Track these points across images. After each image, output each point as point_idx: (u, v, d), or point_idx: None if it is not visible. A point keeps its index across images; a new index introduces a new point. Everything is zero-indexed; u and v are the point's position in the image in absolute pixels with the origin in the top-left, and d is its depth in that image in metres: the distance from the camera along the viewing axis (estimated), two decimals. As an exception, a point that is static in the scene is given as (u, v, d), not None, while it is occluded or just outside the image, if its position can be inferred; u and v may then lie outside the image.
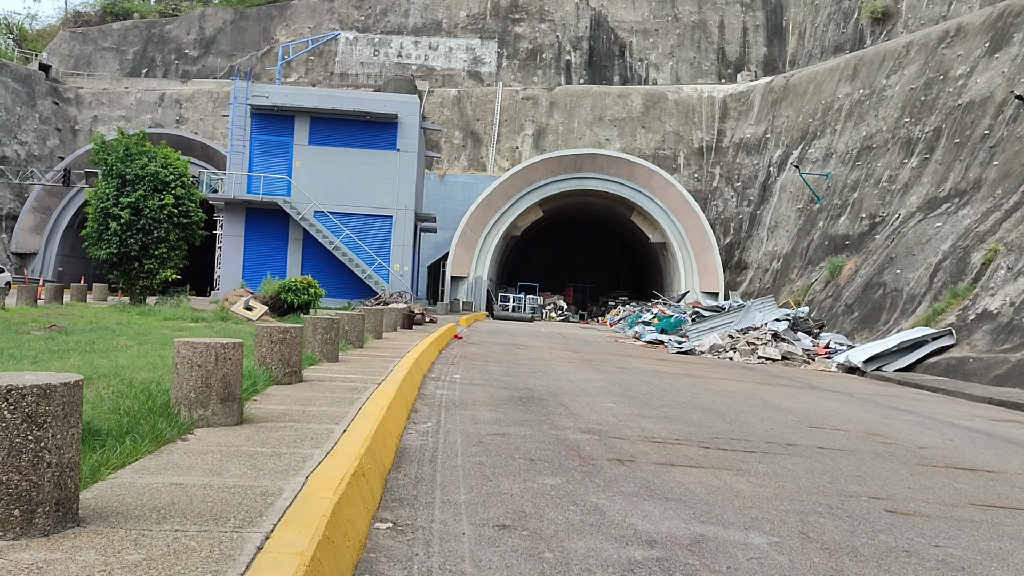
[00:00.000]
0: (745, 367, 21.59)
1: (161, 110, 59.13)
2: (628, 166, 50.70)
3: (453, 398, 10.22)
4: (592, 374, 15.31)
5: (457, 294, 48.15)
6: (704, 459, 7.37)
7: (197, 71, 63.31)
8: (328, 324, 10.67)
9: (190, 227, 24.08)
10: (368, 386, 8.46)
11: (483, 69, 63.29)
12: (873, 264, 34.67)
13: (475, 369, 14.36)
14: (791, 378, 18.87)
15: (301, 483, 4.13)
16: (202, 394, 5.54)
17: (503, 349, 20.56)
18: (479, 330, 30.05)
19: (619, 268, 69.95)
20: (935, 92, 37.78)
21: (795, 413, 11.61)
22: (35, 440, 3.07)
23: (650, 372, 16.94)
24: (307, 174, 38.28)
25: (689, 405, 11.49)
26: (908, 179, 36.50)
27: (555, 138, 57.96)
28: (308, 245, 38.49)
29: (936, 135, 36.14)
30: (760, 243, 49.60)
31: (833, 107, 46.85)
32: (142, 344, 11.58)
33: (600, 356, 20.91)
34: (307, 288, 20.73)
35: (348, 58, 62.28)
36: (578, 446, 7.53)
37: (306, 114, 38.23)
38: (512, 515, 4.98)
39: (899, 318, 29.65)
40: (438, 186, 51.94)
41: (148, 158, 23.29)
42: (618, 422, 9.29)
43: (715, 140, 56.61)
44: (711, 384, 15.31)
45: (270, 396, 7.33)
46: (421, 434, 7.52)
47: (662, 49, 64.90)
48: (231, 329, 15.54)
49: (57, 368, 7.98)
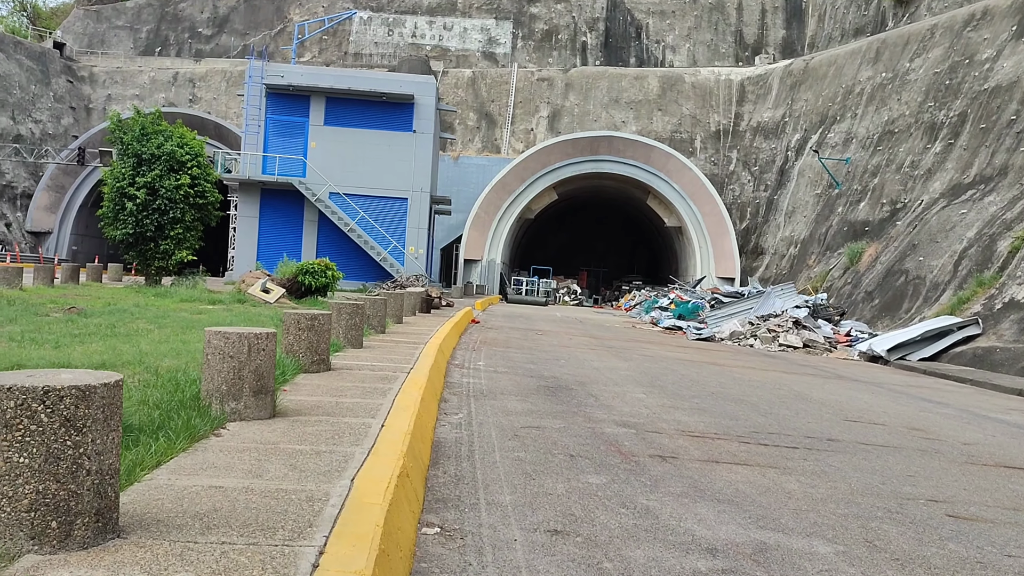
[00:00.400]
0: (766, 355, 21.28)
1: (174, 89, 58.86)
2: (644, 149, 50.17)
3: (480, 387, 9.97)
4: (616, 362, 15.04)
5: (470, 277, 47.87)
6: (747, 456, 7.11)
7: (210, 50, 62.96)
8: (353, 310, 10.43)
9: (206, 208, 23.85)
10: (397, 375, 8.22)
11: (498, 50, 62.71)
12: (894, 251, 34.22)
13: (497, 356, 14.11)
14: (815, 367, 18.56)
15: (347, 487, 3.88)
16: (234, 386, 5.30)
17: (522, 334, 20.30)
18: (494, 314, 29.80)
19: (633, 252, 69.51)
20: (960, 76, 37.13)
21: (828, 405, 11.32)
22: (74, 446, 2.82)
23: (674, 360, 16.66)
24: (322, 155, 37.97)
25: (720, 396, 11.22)
26: (931, 165, 35.95)
27: (570, 120, 57.43)
28: (323, 227, 38.24)
29: (961, 120, 35.55)
30: (777, 228, 49.10)
31: (854, 91, 46.18)
32: (162, 328, 11.37)
33: (620, 343, 20.64)
34: (325, 271, 20.49)
35: (362, 38, 61.79)
36: (616, 441, 7.27)
37: (321, 94, 37.87)
38: (562, 519, 4.73)
39: (922, 306, 29.25)
40: (452, 168, 51.57)
41: (164, 137, 23.04)
42: (652, 414, 9.03)
43: (732, 124, 55.99)
44: (737, 373, 15.02)
45: (300, 386, 7.09)
46: (454, 426, 7.27)
47: (679, 31, 64.14)
48: (250, 312, 15.33)
49: (80, 353, 7.77)
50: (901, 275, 32.06)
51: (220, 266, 52.55)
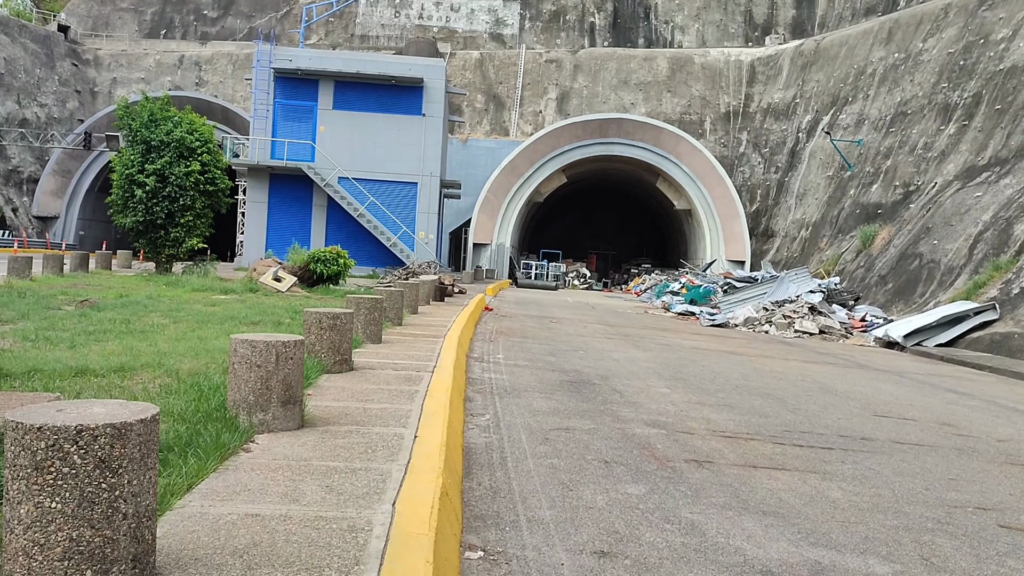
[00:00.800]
0: (782, 342, 21.06)
1: (180, 72, 58.48)
2: (654, 131, 49.73)
3: (503, 383, 9.78)
4: (634, 352, 14.84)
5: (479, 261, 47.64)
6: (783, 459, 6.91)
7: (216, 32, 62.50)
8: (372, 304, 10.23)
9: (216, 195, 23.61)
10: (421, 375, 8.03)
11: (505, 31, 62.12)
12: (908, 234, 33.89)
13: (515, 347, 13.91)
14: (834, 355, 18.33)
15: (389, 513, 3.69)
16: (262, 397, 5.11)
17: (536, 322, 20.10)
18: (506, 300, 29.60)
19: (641, 235, 69.16)
20: (975, 56, 36.63)
21: (854, 398, 11.11)
22: (109, 488, 2.63)
23: (691, 349, 16.46)
24: (331, 139, 37.64)
25: (744, 389, 11.02)
26: (945, 147, 35.54)
27: (579, 102, 56.95)
28: (332, 212, 37.97)
29: (975, 101, 35.09)
30: (788, 211, 48.71)
31: (866, 72, 45.65)
32: (177, 322, 11.19)
33: (635, 330, 20.43)
34: (336, 258, 20.28)
35: (368, 20, 61.27)
36: (649, 443, 7.08)
37: (330, 78, 37.49)
38: (607, 537, 4.54)
39: (936, 290, 28.96)
40: (460, 151, 51.20)
41: (173, 124, 22.78)
42: (679, 412, 8.83)
43: (742, 105, 55.46)
44: (757, 363, 14.81)
45: (324, 389, 6.90)
46: (482, 429, 7.08)
47: (688, 11, 63.40)
48: (263, 304, 15.15)
49: (98, 355, 7.59)
50: (915, 259, 31.74)
51: (228, 250, 52.42)
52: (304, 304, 15.57)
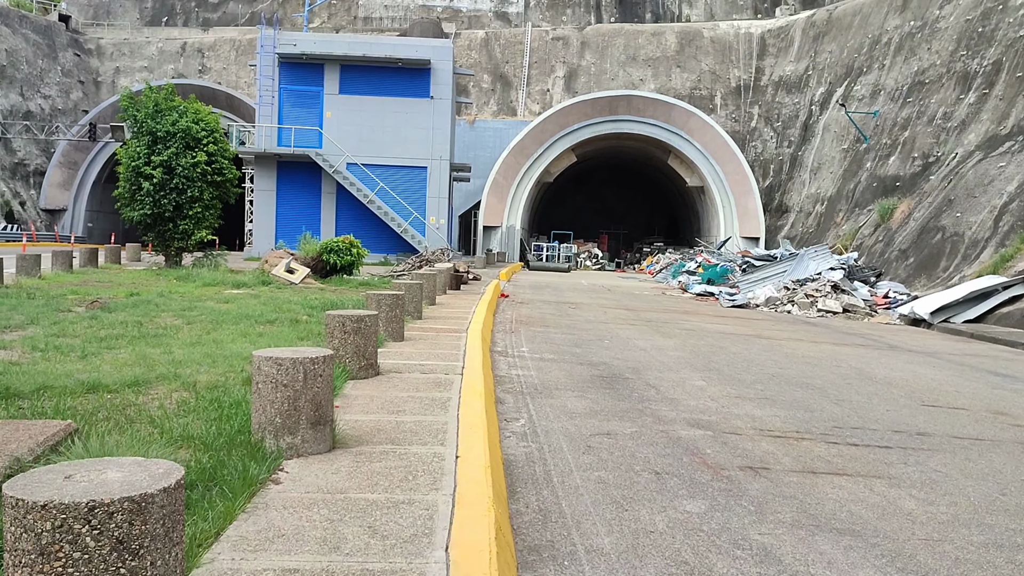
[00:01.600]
0: (807, 322, 20.58)
1: (183, 60, 57.91)
2: (665, 108, 48.99)
3: (532, 380, 9.35)
4: (660, 339, 14.39)
5: (490, 244, 47.17)
6: (842, 462, 6.47)
7: (218, 18, 61.84)
8: (393, 301, 9.80)
9: (224, 185, 23.14)
10: (451, 378, 7.61)
11: (510, 9, 61.29)
12: (929, 207, 33.26)
13: (538, 338, 13.48)
14: (863, 335, 17.85)
15: (443, 562, 3.27)
16: (289, 418, 4.69)
17: (554, 309, 19.66)
18: (520, 285, 29.15)
19: (652, 214, 68.50)
20: (994, 23, 35.78)
21: (896, 385, 10.66)
22: (129, 573, 2.21)
23: (717, 334, 16.00)
24: (338, 125, 37.06)
25: (781, 379, 10.57)
26: (965, 116, 34.80)
27: (587, 80, 56.18)
28: (341, 198, 37.47)
29: (996, 69, 34.30)
30: (802, 185, 48.01)
31: (881, 41, 44.76)
32: (190, 323, 10.79)
33: (657, 314, 19.97)
34: (350, 248, 19.85)
35: (371, 2, 60.51)
36: (696, 448, 6.64)
37: (336, 62, 36.86)
38: (676, 570, 4.11)
39: (960, 264, 28.39)
40: (468, 132, 50.58)
41: (179, 114, 22.29)
42: (720, 408, 8.40)
43: (753, 78, 54.60)
44: (787, 347, 14.35)
45: (351, 400, 6.48)
46: (519, 437, 6.66)
47: (695, -17, 62.40)
48: (277, 298, 14.74)
49: (110, 365, 7.18)
50: (937, 232, 31.14)
51: (237, 239, 52.02)
52: (319, 297, 15.17)
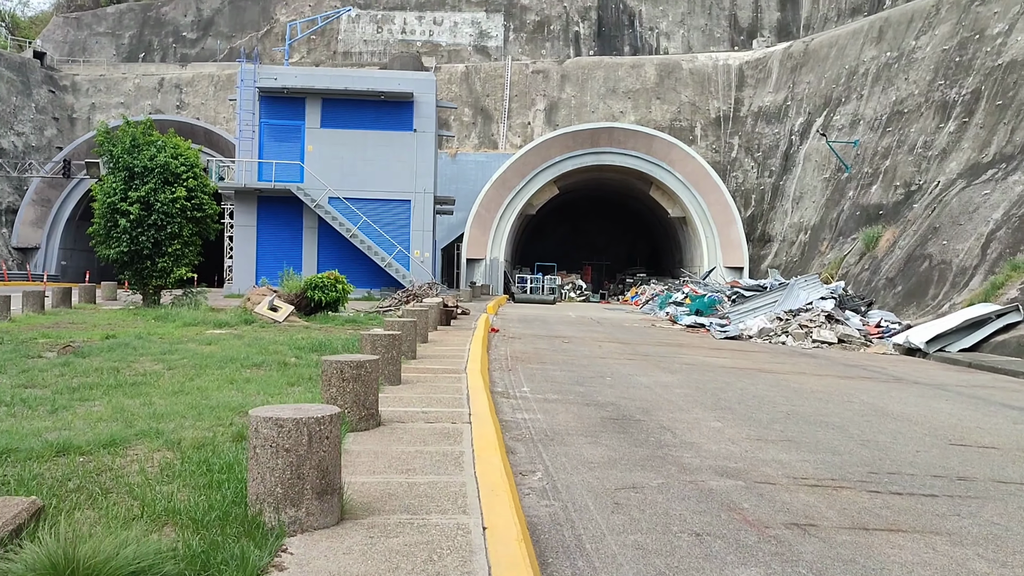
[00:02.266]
0: (805, 354, 20.15)
1: (161, 95, 57.34)
2: (646, 139, 49.00)
3: (540, 425, 8.77)
4: (663, 375, 13.86)
5: (473, 276, 46.66)
6: (892, 515, 5.93)
7: (196, 54, 61.43)
8: (389, 342, 9.21)
9: (204, 221, 22.44)
10: (459, 427, 7.01)
11: (490, 43, 61.36)
12: (914, 235, 33.20)
13: (537, 376, 12.91)
14: (864, 367, 17.43)
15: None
16: (292, 488, 4.08)
17: (547, 344, 19.10)
18: (508, 318, 28.59)
19: (634, 245, 68.39)
20: (971, 52, 36.05)
21: (916, 422, 10.18)
22: None
23: (718, 368, 15.50)
24: (320, 159, 36.52)
25: (797, 418, 10.07)
26: (946, 144, 34.90)
27: (567, 112, 56.18)
28: (324, 233, 36.81)
29: (975, 97, 34.48)
30: (784, 215, 48.02)
31: (858, 71, 45.09)
32: (172, 368, 10.12)
33: (651, 347, 19.46)
34: (335, 284, 19.23)
35: (351, 36, 60.39)
36: (733, 502, 6.08)
37: (317, 96, 36.41)
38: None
39: (949, 292, 28.21)
40: (450, 166, 50.26)
41: (157, 148, 21.65)
42: (745, 453, 7.85)
43: (732, 109, 54.83)
44: (793, 382, 13.87)
45: (355, 456, 5.86)
46: (539, 495, 6.06)
47: (672, 17, 62.88)
48: (262, 338, 14.08)
49: (83, 422, 6.52)
50: (924, 260, 31.03)
51: (217, 275, 51.13)
52: (305, 336, 14.52)
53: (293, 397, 7.88)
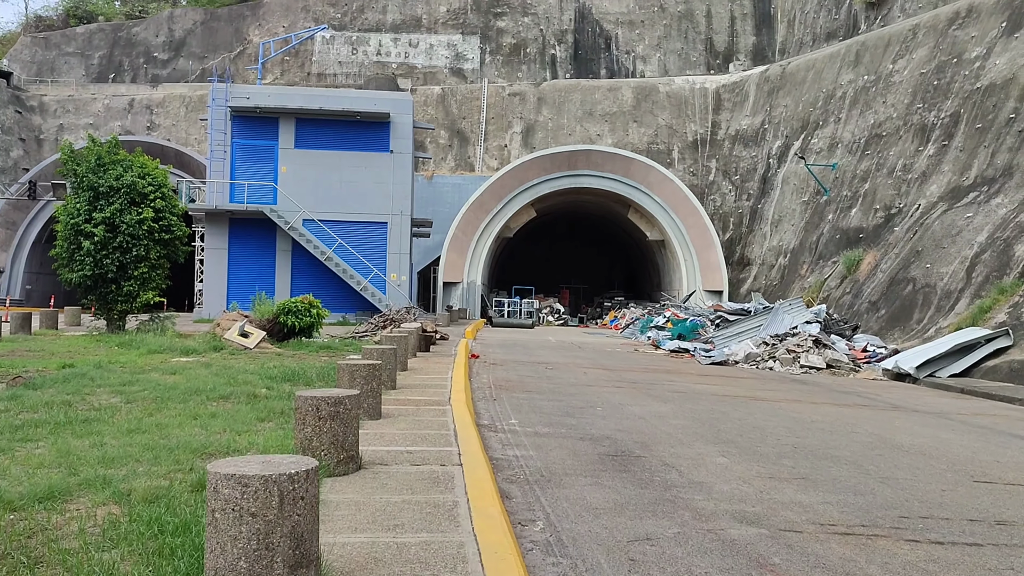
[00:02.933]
0: (795, 380, 19.61)
1: (131, 116, 56.28)
2: (624, 162, 48.73)
3: (534, 464, 8.05)
4: (655, 404, 13.19)
5: (450, 300, 45.90)
6: (939, 570, 5.28)
7: (167, 75, 60.47)
8: (369, 372, 8.47)
9: (172, 243, 21.53)
10: (448, 470, 6.28)
11: (466, 66, 61.01)
12: (896, 258, 32.97)
13: (524, 407, 12.18)
14: (857, 393, 16.90)
15: None
16: (259, 561, 3.34)
17: (531, 370, 18.38)
18: (488, 343, 27.84)
19: (611, 268, 68.02)
20: (949, 76, 36.10)
21: (930, 456, 9.59)
22: None
23: (710, 396, 14.86)
24: (294, 180, 35.67)
25: (805, 451, 9.43)
26: (926, 167, 34.81)
27: (544, 135, 55.84)
28: (297, 256, 35.87)
29: (954, 120, 34.45)
30: (763, 238, 47.82)
31: (835, 95, 45.15)
32: (130, 401, 9.29)
33: (638, 374, 18.81)
34: (308, 309, 18.41)
35: (325, 58, 59.77)
36: (760, 556, 5.39)
37: (291, 115, 35.60)
38: None
39: (935, 316, 27.91)
40: (426, 188, 49.61)
41: (123, 168, 20.76)
42: (760, 494, 7.17)
43: (710, 133, 54.78)
44: (790, 410, 13.27)
45: (333, 509, 5.11)
46: (543, 549, 5.34)
47: (648, 41, 62.90)
48: (231, 367, 13.25)
49: (21, 468, 5.71)
50: (907, 283, 30.76)
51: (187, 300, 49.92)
52: (278, 364, 13.71)
53: (263, 435, 7.11)
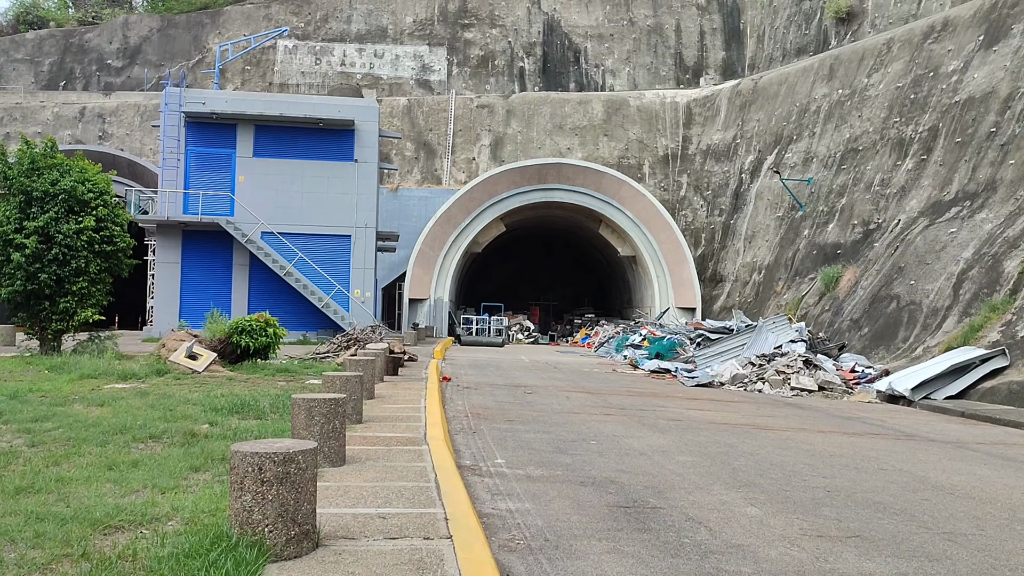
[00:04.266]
0: (788, 403, 18.36)
1: (82, 125, 54.00)
2: (595, 176, 47.64)
3: (533, 521, 6.56)
4: (651, 435, 11.79)
5: (416, 318, 44.26)
6: None
7: (122, 83, 58.29)
8: (330, 409, 6.94)
9: (115, 255, 19.68)
10: (435, 545, 4.77)
11: (433, 77, 59.68)
12: (877, 274, 32.13)
13: (509, 440, 10.70)
14: (859, 419, 15.68)
15: None
16: None
17: (508, 394, 16.89)
18: (458, 363, 26.31)
19: (579, 284, 66.87)
20: (926, 90, 35.51)
21: (984, 501, 8.30)
22: None
23: (708, 424, 13.51)
24: (252, 190, 33.77)
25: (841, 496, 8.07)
26: (905, 182, 34.10)
27: (513, 148, 54.59)
28: (256, 271, 33.92)
29: (932, 135, 33.81)
30: (736, 254, 46.93)
31: (809, 109, 44.52)
32: (36, 444, 7.64)
33: (623, 398, 17.42)
34: (264, 328, 16.76)
35: (288, 67, 58.07)
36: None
37: (249, 122, 33.76)
38: None
39: (921, 334, 26.98)
40: (391, 201, 48.00)
41: (60, 172, 18.97)
42: (818, 563, 5.76)
43: (681, 147, 53.94)
44: (799, 441, 11.95)
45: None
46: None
47: (618, 55, 62.18)
48: (172, 396, 11.58)
49: None
50: (891, 301, 29.88)
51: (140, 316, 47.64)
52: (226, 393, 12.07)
53: (193, 495, 5.55)
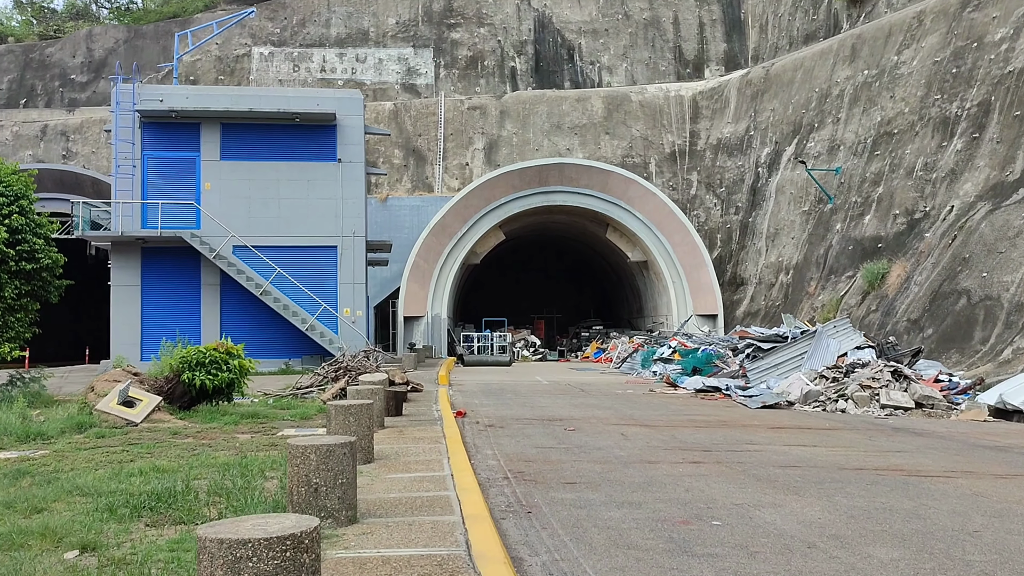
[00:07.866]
0: (895, 428, 14.49)
1: (44, 144, 50.12)
2: (600, 175, 43.94)
3: None
4: (790, 501, 7.88)
5: (412, 337, 40.31)
6: None
7: (87, 98, 54.38)
8: (293, 546, 3.04)
9: (38, 276, 15.73)
10: None
11: (419, 80, 55.93)
12: (934, 268, 28.50)
13: (590, 532, 6.78)
14: (1003, 447, 11.80)
15: None
16: None
17: (545, 433, 12.94)
18: (468, 389, 22.35)
19: (582, 294, 63.11)
20: (970, 62, 32.01)
21: None
22: None
23: (837, 470, 9.62)
24: (221, 199, 29.47)
25: None
26: (954, 164, 30.54)
27: (509, 151, 50.85)
28: (228, 291, 29.64)
29: (983, 110, 30.30)
30: (758, 255, 43.24)
31: (831, 94, 40.98)
32: None
33: (690, 431, 13.49)
34: (225, 361, 12.79)
35: (264, 76, 54.27)
36: None
37: (215, 120, 29.51)
38: None
39: (1005, 333, 23.31)
40: (380, 211, 44.10)
41: (-39, 173, 15.10)
42: None
43: (688, 143, 50.31)
44: (976, 492, 8.09)
45: None
46: None
47: (614, 50, 58.62)
48: (74, 467, 7.55)
49: None
50: (958, 296, 26.23)
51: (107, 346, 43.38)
52: (154, 460, 8.10)
53: None
